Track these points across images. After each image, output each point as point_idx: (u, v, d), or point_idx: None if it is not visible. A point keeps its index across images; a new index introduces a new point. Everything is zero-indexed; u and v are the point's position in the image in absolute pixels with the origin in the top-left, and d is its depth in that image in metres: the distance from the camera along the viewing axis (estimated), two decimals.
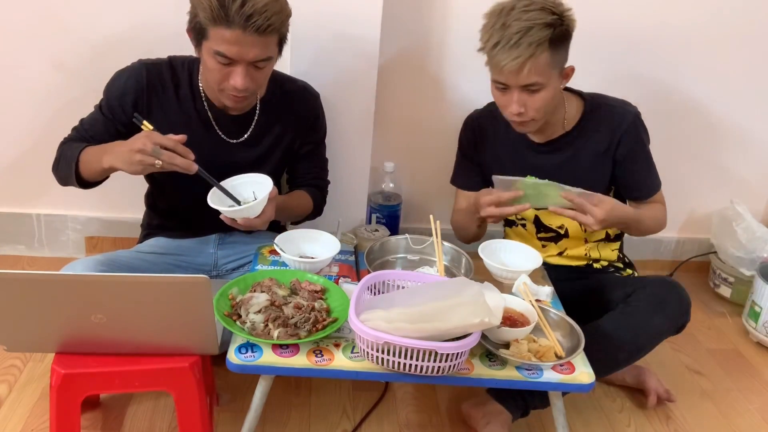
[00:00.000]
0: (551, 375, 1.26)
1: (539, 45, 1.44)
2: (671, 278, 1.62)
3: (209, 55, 1.41)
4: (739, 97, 2.25)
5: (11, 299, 1.15)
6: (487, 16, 1.50)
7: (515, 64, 1.44)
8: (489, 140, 1.76)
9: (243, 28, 1.35)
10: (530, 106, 1.52)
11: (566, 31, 1.49)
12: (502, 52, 1.45)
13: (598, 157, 1.66)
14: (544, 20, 1.44)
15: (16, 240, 2.18)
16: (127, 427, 1.53)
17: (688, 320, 1.62)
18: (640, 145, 1.67)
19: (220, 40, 1.37)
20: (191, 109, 1.58)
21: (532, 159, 1.70)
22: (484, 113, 1.78)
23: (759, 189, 2.42)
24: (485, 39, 1.49)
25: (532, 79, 1.47)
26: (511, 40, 1.43)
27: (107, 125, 1.56)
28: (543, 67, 1.47)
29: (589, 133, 1.66)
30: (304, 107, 1.68)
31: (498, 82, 1.53)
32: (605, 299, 1.65)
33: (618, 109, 1.66)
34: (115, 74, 1.58)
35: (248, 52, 1.39)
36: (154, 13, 1.89)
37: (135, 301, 1.17)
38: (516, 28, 1.43)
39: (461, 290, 1.24)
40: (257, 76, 1.45)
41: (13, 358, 1.71)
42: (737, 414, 1.77)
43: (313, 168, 1.75)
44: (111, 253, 1.61)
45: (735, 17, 2.12)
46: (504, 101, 1.55)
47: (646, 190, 1.71)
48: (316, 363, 1.24)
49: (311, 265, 1.48)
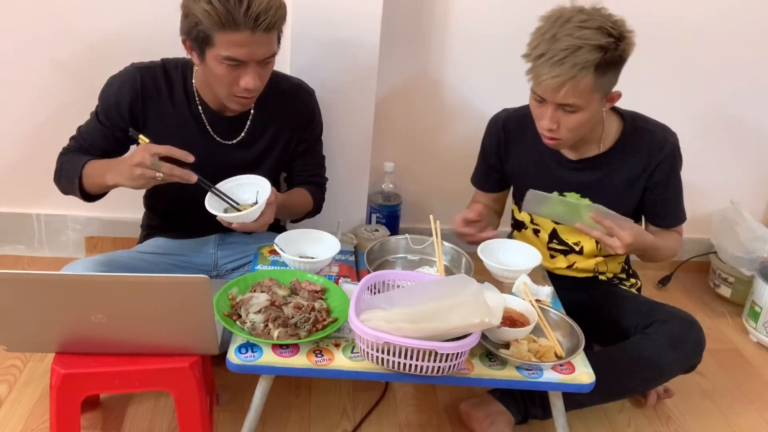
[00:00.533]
0: (551, 375, 1.26)
1: (584, 68, 1.36)
2: (691, 316, 1.59)
3: (216, 61, 1.40)
4: (739, 97, 2.25)
5: (11, 299, 1.15)
6: (542, 19, 1.43)
7: (554, 82, 1.38)
8: (515, 146, 1.70)
9: (252, 29, 1.35)
10: (563, 126, 1.47)
11: (619, 56, 1.40)
12: (544, 66, 1.38)
13: (630, 180, 1.62)
14: (596, 42, 1.35)
15: (16, 240, 2.18)
16: (127, 427, 1.53)
17: (699, 361, 1.62)
18: (674, 174, 1.62)
19: (229, 45, 1.36)
20: (186, 112, 1.57)
21: (561, 174, 1.65)
22: (512, 117, 1.71)
23: (759, 189, 2.42)
24: (532, 46, 1.42)
25: (569, 101, 1.41)
26: (556, 56, 1.36)
27: (105, 133, 1.56)
28: (583, 91, 1.40)
29: (625, 157, 1.61)
30: (299, 105, 1.67)
31: (535, 94, 1.47)
32: (621, 324, 1.63)
33: (658, 136, 1.60)
34: (108, 80, 1.57)
35: (257, 52, 1.39)
36: (154, 13, 1.89)
37: (135, 301, 1.17)
38: (564, 45, 1.36)
39: (461, 289, 1.23)
40: (264, 73, 1.46)
41: (13, 358, 1.71)
42: (737, 414, 1.77)
43: (309, 165, 1.75)
44: (111, 254, 1.61)
45: (735, 15, 2.12)
46: (539, 113, 1.49)
47: (671, 220, 1.67)
48: (316, 363, 1.24)
49: (311, 265, 1.48)
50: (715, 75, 2.20)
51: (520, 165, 1.71)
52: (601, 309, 1.68)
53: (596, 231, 1.48)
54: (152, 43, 1.72)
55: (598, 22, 1.37)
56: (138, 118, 1.55)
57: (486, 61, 2.10)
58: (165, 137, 1.53)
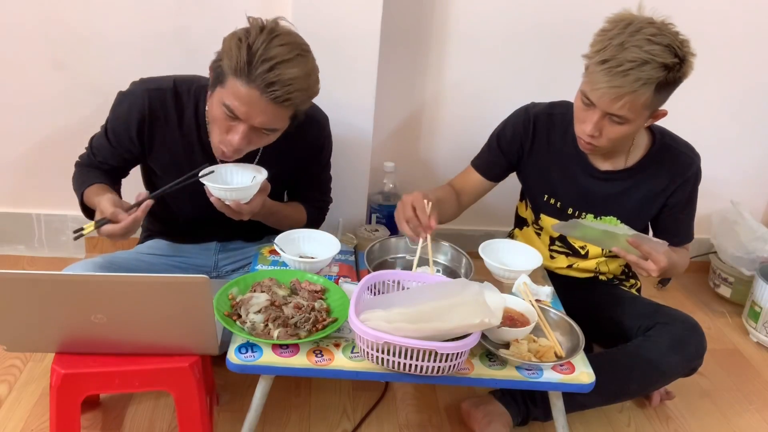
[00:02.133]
0: (551, 375, 1.26)
1: (645, 84, 1.33)
2: (693, 319, 1.59)
3: (218, 104, 1.35)
4: (739, 97, 2.25)
5: (11, 299, 1.15)
6: (609, 22, 1.39)
7: (613, 93, 1.34)
8: (541, 144, 1.65)
9: (261, 91, 1.28)
10: (606, 134, 1.44)
11: (680, 77, 1.37)
12: (606, 75, 1.33)
13: (651, 197, 1.61)
14: (663, 60, 1.32)
15: (16, 240, 2.18)
16: (127, 427, 1.53)
17: (700, 365, 1.61)
18: (693, 195, 1.62)
19: (234, 95, 1.31)
20: (194, 138, 1.53)
21: (583, 181, 1.62)
22: (542, 115, 1.64)
23: (759, 189, 2.42)
24: (596, 48, 1.37)
25: (622, 113, 1.38)
26: (621, 66, 1.32)
27: (113, 152, 1.55)
28: (639, 106, 1.37)
29: (650, 173, 1.59)
30: (310, 138, 1.62)
31: (585, 96, 1.41)
32: (623, 326, 1.63)
33: (684, 157, 1.59)
34: (118, 97, 1.53)
35: (256, 117, 1.33)
36: (154, 13, 1.89)
37: (135, 301, 1.17)
38: (632, 56, 1.31)
39: (461, 290, 1.23)
40: (256, 140, 1.40)
41: (13, 358, 1.71)
42: (737, 414, 1.77)
43: (312, 192, 1.72)
44: (111, 254, 1.60)
45: (735, 16, 2.12)
46: (583, 116, 1.45)
47: (682, 237, 1.67)
48: (316, 363, 1.24)
49: (311, 265, 1.48)
50: (715, 75, 2.20)
51: (542, 165, 1.66)
52: (601, 310, 1.68)
53: (632, 255, 1.46)
54: (153, 43, 1.72)
55: (668, 40, 1.33)
56: (145, 142, 1.53)
57: (486, 61, 2.10)
58: (172, 163, 1.53)
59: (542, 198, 1.69)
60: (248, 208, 1.43)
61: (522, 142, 1.66)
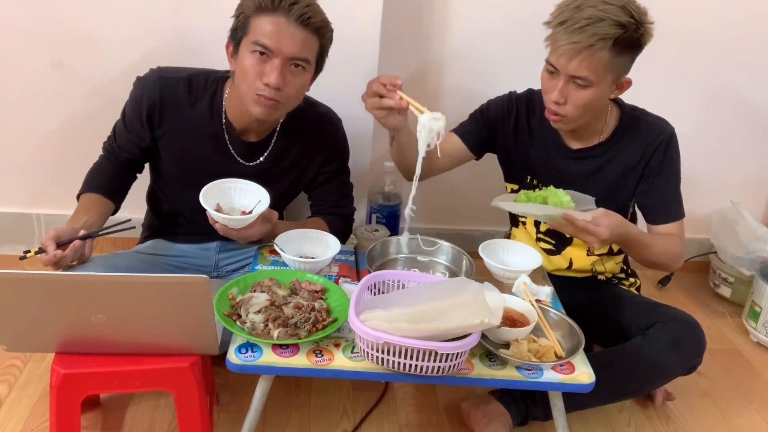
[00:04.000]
0: (551, 375, 1.26)
1: (602, 39, 1.38)
2: (692, 318, 1.59)
3: (247, 50, 1.41)
4: (740, 97, 2.25)
5: (11, 299, 1.15)
6: None
7: (571, 48, 1.40)
8: (522, 127, 1.69)
9: (286, 15, 1.37)
10: (571, 101, 1.48)
11: (637, 39, 1.42)
12: (564, 33, 1.40)
13: (627, 170, 1.62)
14: (618, 18, 1.38)
15: (16, 240, 2.18)
16: (127, 427, 1.53)
17: (700, 362, 1.61)
18: (668, 163, 1.61)
19: (261, 31, 1.38)
20: (206, 128, 1.55)
21: (560, 163, 1.65)
22: (522, 99, 1.71)
23: (759, 189, 2.42)
24: (555, 14, 1.44)
25: (582, 73, 1.42)
26: (578, 23, 1.38)
27: (129, 139, 1.58)
28: (597, 65, 1.41)
29: (623, 146, 1.61)
30: (323, 135, 1.65)
31: (550, 64, 1.47)
32: (622, 325, 1.63)
33: (655, 126, 1.61)
34: (135, 82, 1.57)
35: (287, 44, 1.39)
36: (154, 13, 1.89)
37: (135, 301, 1.17)
38: (587, 14, 1.38)
39: (461, 290, 1.23)
40: (291, 80, 1.43)
41: (13, 358, 1.71)
42: (737, 414, 1.77)
43: (331, 194, 1.72)
44: (111, 254, 1.61)
45: (736, 13, 2.12)
46: (549, 86, 1.50)
47: (665, 213, 1.63)
48: (316, 363, 1.24)
49: (311, 265, 1.48)
50: (715, 75, 2.20)
51: (523, 147, 1.70)
52: (601, 309, 1.68)
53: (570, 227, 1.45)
54: (153, 43, 1.72)
55: (623, 2, 1.40)
56: (155, 129, 1.55)
57: (485, 60, 2.10)
58: (180, 151, 1.56)
59: (525, 180, 1.71)
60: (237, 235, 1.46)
61: (504, 120, 1.71)
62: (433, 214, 2.33)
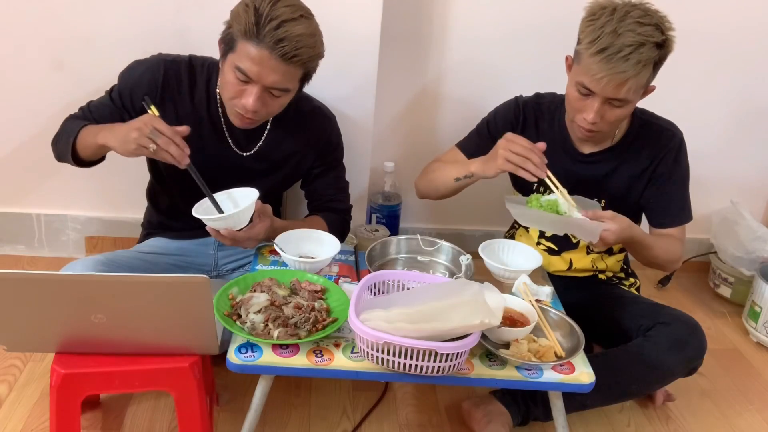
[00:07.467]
0: (551, 375, 1.26)
1: (646, 65, 1.37)
2: (693, 319, 1.59)
3: (230, 68, 1.39)
4: (740, 97, 2.25)
5: (11, 299, 1.15)
6: (595, 11, 1.42)
7: (618, 78, 1.37)
8: (530, 132, 1.66)
9: (270, 49, 1.33)
10: (606, 119, 1.47)
11: (667, 53, 1.42)
12: (607, 62, 1.36)
13: (636, 174, 1.62)
14: (655, 39, 1.37)
15: (16, 240, 2.18)
16: (127, 427, 1.53)
17: (700, 364, 1.62)
18: (677, 167, 1.61)
19: (245, 56, 1.35)
20: (204, 113, 1.56)
21: (570, 166, 1.64)
22: (530, 103, 1.69)
23: (759, 189, 2.42)
24: (590, 39, 1.39)
25: (623, 96, 1.41)
26: (622, 52, 1.35)
27: (113, 112, 1.55)
28: (638, 87, 1.42)
29: (633, 150, 1.61)
30: (316, 129, 1.65)
31: (583, 86, 1.44)
32: (623, 326, 1.63)
33: (666, 131, 1.61)
34: (132, 63, 1.57)
35: (268, 76, 1.37)
36: (154, 13, 1.89)
37: (135, 301, 1.17)
38: (629, 41, 1.35)
39: (461, 290, 1.24)
40: (270, 103, 1.44)
41: (13, 358, 1.71)
42: (737, 414, 1.77)
43: (328, 189, 1.72)
44: (111, 253, 1.60)
45: (737, 13, 2.12)
46: (581, 106, 1.48)
47: (670, 218, 1.64)
48: (316, 363, 1.24)
49: (311, 265, 1.48)
50: (715, 75, 2.20)
51: None
52: (601, 309, 1.68)
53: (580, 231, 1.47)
54: (153, 42, 1.72)
55: (655, 19, 1.39)
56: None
57: (485, 60, 2.10)
58: None
59: (533, 185, 1.69)
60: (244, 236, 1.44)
61: (512, 129, 1.68)
62: (433, 214, 2.33)
